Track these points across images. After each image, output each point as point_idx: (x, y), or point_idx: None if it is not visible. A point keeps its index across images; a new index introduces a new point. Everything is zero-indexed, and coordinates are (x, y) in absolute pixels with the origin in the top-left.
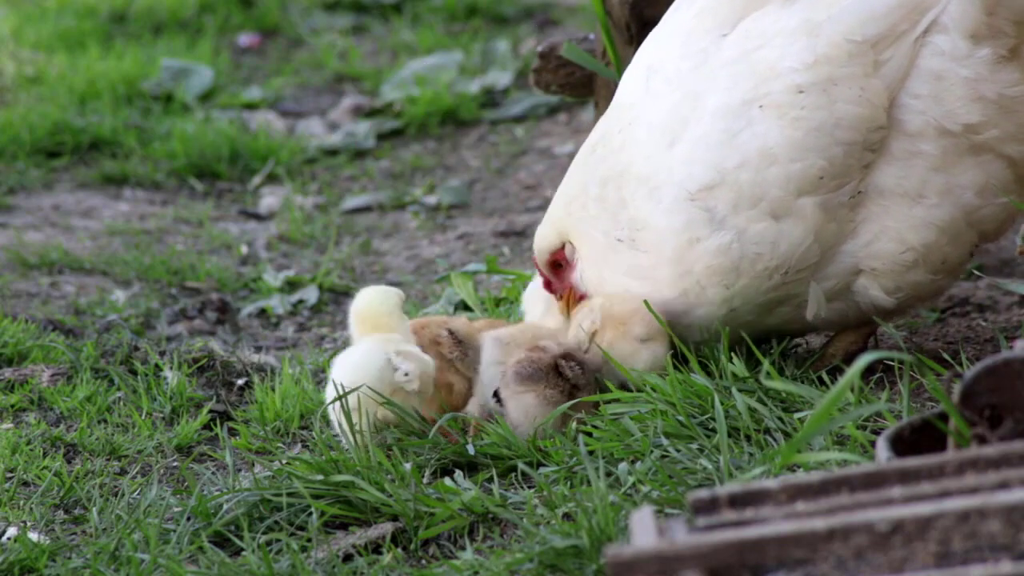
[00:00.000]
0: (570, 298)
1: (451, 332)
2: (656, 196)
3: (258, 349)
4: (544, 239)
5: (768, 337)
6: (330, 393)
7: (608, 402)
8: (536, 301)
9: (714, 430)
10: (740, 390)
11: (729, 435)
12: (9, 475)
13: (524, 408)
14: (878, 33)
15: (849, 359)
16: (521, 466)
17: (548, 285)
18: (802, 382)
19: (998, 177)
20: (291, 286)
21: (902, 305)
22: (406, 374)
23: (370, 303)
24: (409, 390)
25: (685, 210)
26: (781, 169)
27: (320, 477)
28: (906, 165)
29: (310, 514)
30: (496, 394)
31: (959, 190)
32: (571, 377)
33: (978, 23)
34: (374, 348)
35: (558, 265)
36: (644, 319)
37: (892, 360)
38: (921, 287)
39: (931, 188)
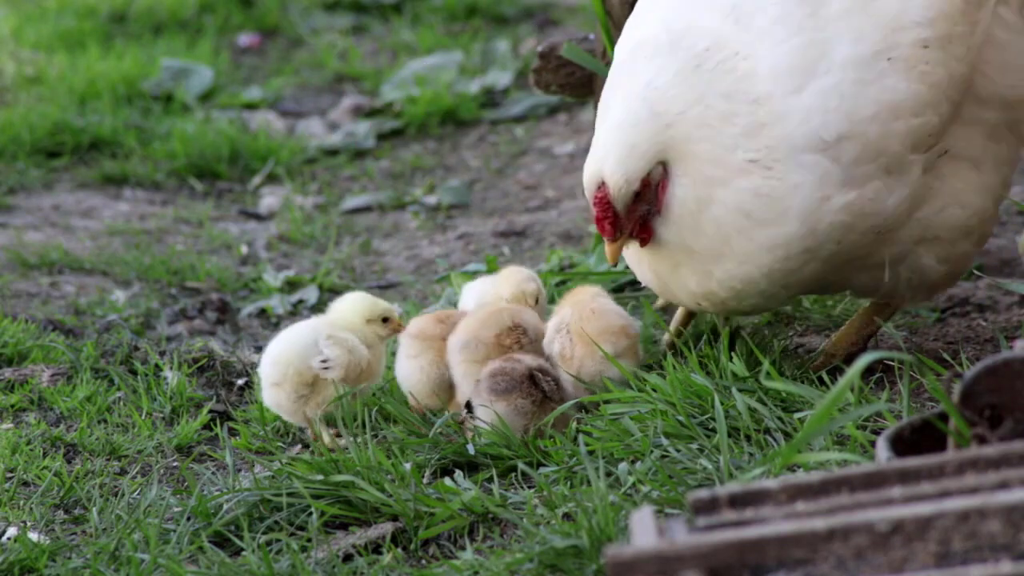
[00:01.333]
0: (630, 235)
1: None
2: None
3: (258, 349)
4: (640, 159)
5: (807, 293)
6: (261, 369)
7: (608, 402)
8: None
9: (714, 430)
10: (740, 390)
11: (729, 435)
12: (9, 475)
13: (494, 416)
14: None
15: (849, 359)
16: (521, 466)
17: (612, 224)
18: (802, 382)
19: None
20: (291, 286)
21: (945, 278)
22: (324, 361)
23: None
24: (324, 377)
25: (819, 164)
26: (904, 123)
27: (320, 477)
28: (971, 131)
29: (310, 514)
30: (468, 404)
31: (1002, 163)
32: (547, 390)
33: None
34: (305, 329)
35: (636, 195)
36: (612, 339)
37: (892, 360)
38: (963, 261)
39: (988, 156)
